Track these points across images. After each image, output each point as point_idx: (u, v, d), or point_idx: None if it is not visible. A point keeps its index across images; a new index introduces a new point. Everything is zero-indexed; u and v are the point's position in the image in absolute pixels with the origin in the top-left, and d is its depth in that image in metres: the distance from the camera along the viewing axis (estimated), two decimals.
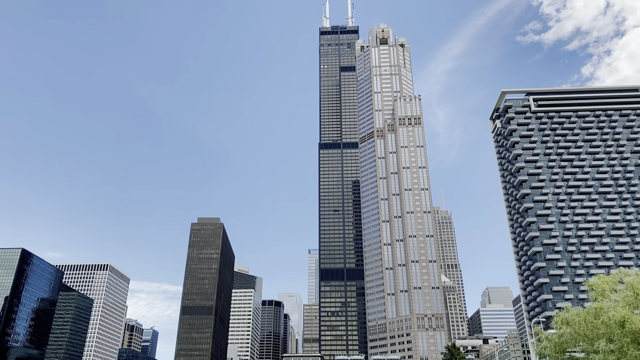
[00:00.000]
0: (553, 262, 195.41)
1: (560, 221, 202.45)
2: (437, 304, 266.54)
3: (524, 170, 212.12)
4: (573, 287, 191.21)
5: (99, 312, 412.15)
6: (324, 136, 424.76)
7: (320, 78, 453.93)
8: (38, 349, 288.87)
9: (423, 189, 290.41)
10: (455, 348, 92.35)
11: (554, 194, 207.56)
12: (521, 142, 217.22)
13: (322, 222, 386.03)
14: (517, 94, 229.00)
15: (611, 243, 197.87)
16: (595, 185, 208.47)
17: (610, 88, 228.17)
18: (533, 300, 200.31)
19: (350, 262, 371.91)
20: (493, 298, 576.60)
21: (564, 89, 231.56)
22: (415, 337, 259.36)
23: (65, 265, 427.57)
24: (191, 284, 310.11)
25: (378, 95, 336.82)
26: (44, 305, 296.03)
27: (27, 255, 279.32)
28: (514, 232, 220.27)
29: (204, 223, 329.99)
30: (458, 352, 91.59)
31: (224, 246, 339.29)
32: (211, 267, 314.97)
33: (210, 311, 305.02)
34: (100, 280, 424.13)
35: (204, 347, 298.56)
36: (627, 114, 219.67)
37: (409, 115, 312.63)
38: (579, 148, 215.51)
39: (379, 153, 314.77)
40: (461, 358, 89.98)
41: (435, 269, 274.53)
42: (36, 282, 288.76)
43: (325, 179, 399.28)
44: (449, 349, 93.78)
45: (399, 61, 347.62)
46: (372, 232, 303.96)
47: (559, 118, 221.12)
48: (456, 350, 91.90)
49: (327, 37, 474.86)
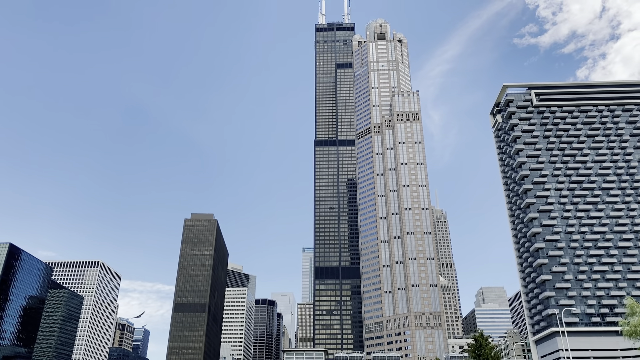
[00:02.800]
0: (555, 258, 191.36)
1: (562, 217, 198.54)
2: (435, 302, 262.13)
3: (526, 166, 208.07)
4: (576, 284, 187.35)
5: (89, 310, 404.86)
6: (320, 133, 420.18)
7: (315, 75, 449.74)
8: (26, 347, 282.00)
9: (421, 186, 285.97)
10: (483, 337, 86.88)
11: (556, 190, 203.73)
12: (523, 137, 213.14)
13: (317, 219, 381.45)
14: (519, 87, 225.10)
15: (614, 239, 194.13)
16: (598, 180, 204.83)
17: (613, 83, 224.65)
18: (535, 297, 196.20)
19: (345, 261, 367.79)
20: (487, 298, 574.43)
21: (566, 83, 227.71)
22: (413, 335, 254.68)
23: (55, 262, 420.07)
24: (184, 281, 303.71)
25: (375, 90, 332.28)
26: (32, 302, 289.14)
27: (15, 250, 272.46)
28: (515, 229, 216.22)
29: (198, 219, 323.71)
30: (487, 341, 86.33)
31: (218, 243, 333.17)
32: (205, 263, 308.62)
33: (203, 309, 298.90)
34: (90, 278, 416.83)
35: (196, 346, 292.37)
36: (630, 109, 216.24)
37: (407, 110, 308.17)
38: (582, 143, 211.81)
39: (377, 149, 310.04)
40: (490, 348, 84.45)
41: (434, 266, 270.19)
42: (25, 278, 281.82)
43: (321, 177, 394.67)
44: (477, 338, 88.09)
45: (397, 57, 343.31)
46: (369, 229, 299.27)
47: (561, 113, 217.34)
48: (484, 340, 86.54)
49: (323, 34, 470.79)
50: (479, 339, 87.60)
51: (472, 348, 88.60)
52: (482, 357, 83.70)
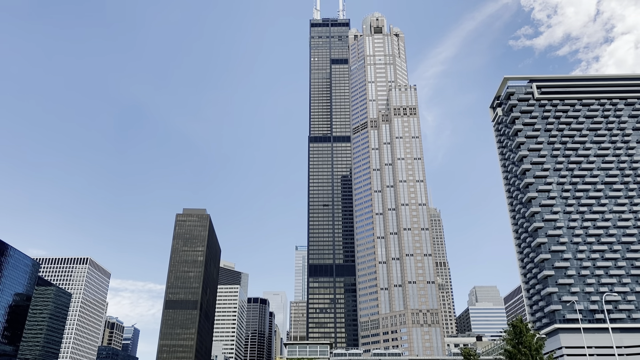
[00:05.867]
0: (558, 254, 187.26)
1: (564, 212, 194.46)
2: (432, 299, 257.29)
3: (528, 159, 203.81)
4: (579, 280, 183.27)
5: (78, 308, 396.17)
6: (314, 129, 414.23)
7: (310, 71, 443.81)
8: (12, 345, 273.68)
9: (418, 181, 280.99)
10: (522, 323, 79.92)
11: (558, 184, 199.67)
12: (524, 130, 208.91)
13: (311, 216, 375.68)
14: (520, 80, 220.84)
15: (618, 235, 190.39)
16: (600, 175, 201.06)
17: (615, 76, 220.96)
18: (537, 293, 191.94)
19: (339, 258, 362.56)
20: (480, 297, 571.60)
21: (568, 76, 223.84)
22: (410, 333, 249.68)
23: (43, 259, 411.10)
24: (175, 277, 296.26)
25: (372, 85, 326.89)
26: (19, 299, 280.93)
27: (1, 245, 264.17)
28: (515, 224, 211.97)
29: (190, 214, 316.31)
30: (527, 327, 79.21)
31: (210, 238, 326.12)
32: (196, 259, 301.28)
33: (195, 306, 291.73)
34: (79, 275, 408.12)
35: (188, 344, 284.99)
36: (633, 102, 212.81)
37: (404, 105, 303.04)
38: (584, 137, 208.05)
39: (373, 144, 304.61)
40: (531, 336, 77.54)
41: (431, 262, 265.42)
42: (11, 274, 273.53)
43: (315, 173, 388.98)
44: (515, 324, 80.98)
45: (394, 51, 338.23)
46: (364, 225, 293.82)
47: (563, 106, 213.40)
48: (524, 325, 79.49)
49: (317, 30, 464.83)
50: (517, 325, 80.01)
51: (510, 335, 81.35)
52: (523, 347, 76.24)
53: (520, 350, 75.81)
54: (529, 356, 74.47)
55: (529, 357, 74.37)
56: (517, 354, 76.44)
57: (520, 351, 76.00)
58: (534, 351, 75.12)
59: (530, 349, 75.37)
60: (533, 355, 74.78)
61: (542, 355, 76.35)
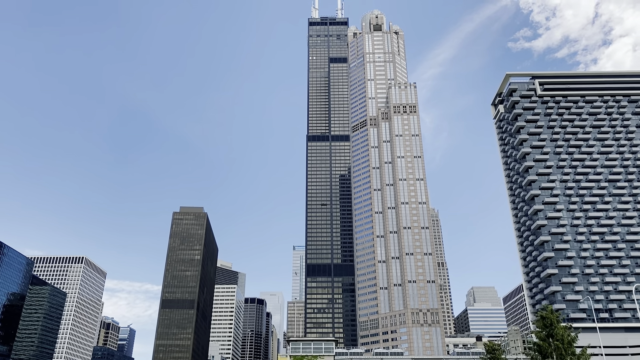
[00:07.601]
0: (561, 252, 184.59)
1: (568, 209, 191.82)
2: (433, 299, 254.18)
3: (530, 157, 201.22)
4: (583, 279, 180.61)
5: (73, 307, 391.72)
6: (312, 128, 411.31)
7: (308, 70, 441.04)
8: (6, 345, 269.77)
9: (418, 179, 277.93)
10: (553, 313, 75.98)
11: (561, 181, 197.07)
12: (527, 127, 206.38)
13: (309, 216, 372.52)
14: (522, 77, 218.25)
15: (622, 233, 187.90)
16: (604, 172, 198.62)
17: (618, 73, 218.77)
18: (539, 292, 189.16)
19: (337, 258, 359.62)
20: (478, 297, 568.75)
21: (571, 72, 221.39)
22: (410, 333, 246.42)
23: (38, 258, 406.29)
24: (172, 276, 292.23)
25: (371, 82, 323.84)
26: (13, 298, 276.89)
27: None
28: (517, 222, 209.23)
29: (187, 212, 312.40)
30: (557, 319, 75.17)
31: (208, 237, 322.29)
32: (193, 258, 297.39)
33: (192, 305, 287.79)
34: (74, 274, 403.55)
35: (185, 344, 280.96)
36: (637, 99, 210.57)
37: (404, 103, 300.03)
38: (587, 134, 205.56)
39: (372, 142, 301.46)
40: (563, 328, 73.01)
41: (431, 261, 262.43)
42: (6, 273, 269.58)
43: (313, 173, 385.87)
44: (544, 315, 76.97)
45: (393, 48, 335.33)
46: (363, 224, 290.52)
47: (565, 103, 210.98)
48: (555, 317, 75.51)
49: (316, 28, 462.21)
50: (547, 316, 76.20)
51: (540, 327, 77.30)
52: (555, 339, 71.87)
53: (552, 344, 71.97)
54: (562, 349, 70.59)
55: (562, 351, 70.43)
56: (548, 348, 72.41)
57: (551, 345, 72.15)
58: (566, 344, 71.25)
59: (562, 342, 71.51)
60: (566, 349, 70.86)
61: (574, 349, 72.57)
